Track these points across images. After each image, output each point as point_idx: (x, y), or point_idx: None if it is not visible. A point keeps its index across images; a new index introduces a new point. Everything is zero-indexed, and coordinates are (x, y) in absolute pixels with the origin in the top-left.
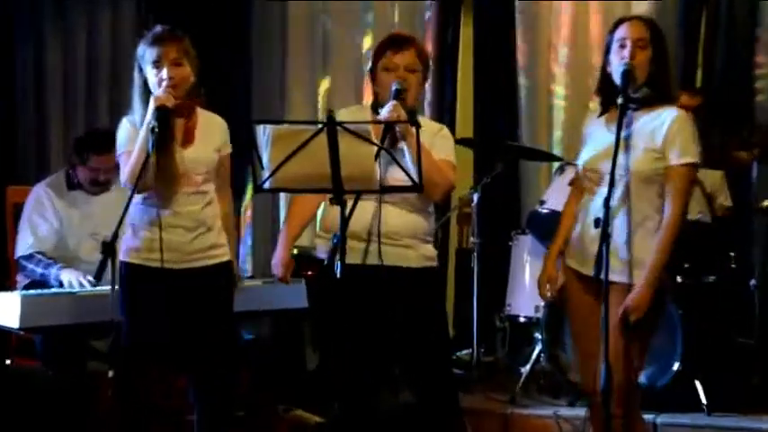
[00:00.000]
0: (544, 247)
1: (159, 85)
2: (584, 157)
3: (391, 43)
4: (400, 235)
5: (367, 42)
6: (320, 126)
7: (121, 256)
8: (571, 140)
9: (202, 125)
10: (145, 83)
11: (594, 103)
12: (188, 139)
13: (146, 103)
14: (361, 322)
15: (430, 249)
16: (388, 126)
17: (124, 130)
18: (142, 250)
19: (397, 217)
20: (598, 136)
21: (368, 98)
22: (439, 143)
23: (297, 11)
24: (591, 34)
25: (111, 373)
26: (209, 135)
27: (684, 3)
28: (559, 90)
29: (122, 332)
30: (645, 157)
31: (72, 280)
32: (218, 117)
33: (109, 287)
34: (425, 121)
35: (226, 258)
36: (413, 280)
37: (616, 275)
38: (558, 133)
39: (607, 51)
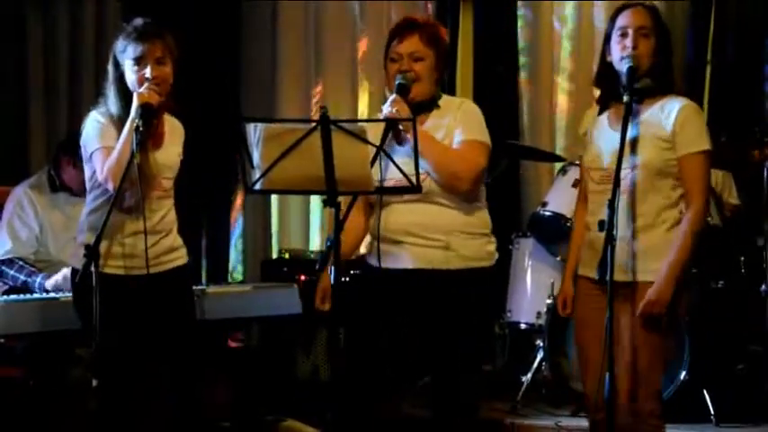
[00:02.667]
0: (546, 251)
1: (140, 83)
2: (591, 156)
3: (395, 31)
4: (430, 232)
5: (362, 42)
6: (313, 125)
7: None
8: (576, 139)
9: (169, 129)
10: (120, 78)
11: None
12: (158, 141)
13: (122, 99)
14: (384, 327)
15: (475, 247)
16: (390, 123)
17: (96, 123)
18: (102, 258)
19: (429, 214)
20: (603, 135)
21: (363, 98)
22: (460, 124)
23: (289, 9)
24: (595, 29)
25: (94, 383)
26: (175, 139)
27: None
28: (563, 87)
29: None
30: (654, 148)
31: (59, 281)
32: (179, 122)
33: None
34: (446, 100)
35: (184, 261)
36: (443, 283)
37: (640, 275)
38: (561, 132)
39: (607, 40)
